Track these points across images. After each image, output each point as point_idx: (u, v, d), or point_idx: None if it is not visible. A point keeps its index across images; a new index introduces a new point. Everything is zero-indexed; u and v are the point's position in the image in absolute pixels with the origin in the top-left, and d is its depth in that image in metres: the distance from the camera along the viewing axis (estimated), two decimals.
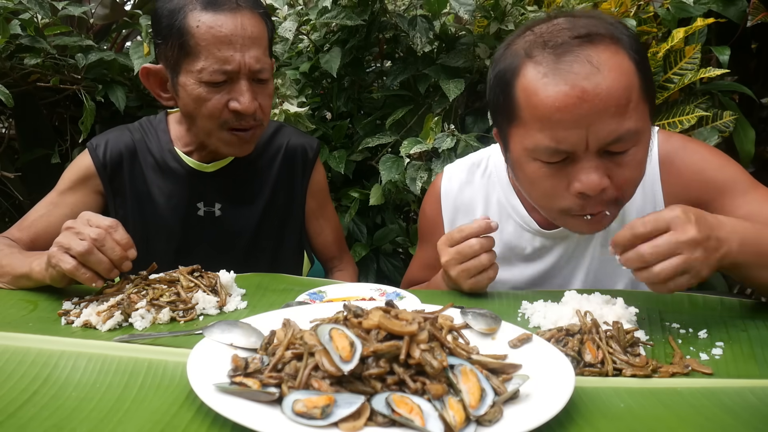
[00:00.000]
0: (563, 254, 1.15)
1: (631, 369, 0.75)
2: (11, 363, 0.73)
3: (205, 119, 1.22)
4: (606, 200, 0.94)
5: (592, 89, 0.87)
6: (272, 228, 1.44)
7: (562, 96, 0.88)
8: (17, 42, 1.70)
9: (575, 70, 0.88)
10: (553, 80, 0.89)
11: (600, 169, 0.91)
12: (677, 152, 1.09)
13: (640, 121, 0.91)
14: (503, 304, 1.03)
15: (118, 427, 0.60)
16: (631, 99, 0.90)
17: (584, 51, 0.89)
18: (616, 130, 0.89)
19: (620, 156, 0.92)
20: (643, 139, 0.94)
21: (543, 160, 0.94)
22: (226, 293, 1.03)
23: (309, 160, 1.46)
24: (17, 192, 1.99)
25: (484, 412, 0.58)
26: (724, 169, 1.07)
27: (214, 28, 1.15)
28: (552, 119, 0.89)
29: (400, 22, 1.81)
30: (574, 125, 0.89)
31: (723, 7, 1.75)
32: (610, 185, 0.92)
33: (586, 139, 0.89)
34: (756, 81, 2.02)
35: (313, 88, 2.11)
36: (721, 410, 0.65)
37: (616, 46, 0.91)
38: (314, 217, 1.51)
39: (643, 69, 0.93)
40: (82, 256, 0.97)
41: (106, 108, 1.93)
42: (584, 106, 0.87)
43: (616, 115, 0.88)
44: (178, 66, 1.20)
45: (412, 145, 1.68)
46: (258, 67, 1.20)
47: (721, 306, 0.99)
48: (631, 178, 0.95)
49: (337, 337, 0.63)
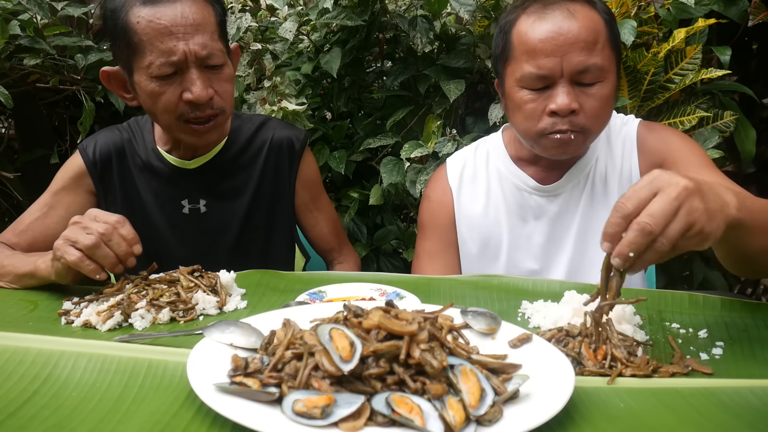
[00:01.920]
0: (558, 211, 1.31)
1: (631, 369, 0.75)
2: (11, 363, 0.73)
3: (163, 114, 1.20)
4: (575, 123, 1.15)
5: (567, 27, 1.13)
6: (260, 222, 1.42)
7: (544, 32, 1.14)
8: (17, 42, 1.70)
9: (555, 15, 1.15)
10: (539, 23, 1.15)
11: (571, 95, 1.14)
12: (651, 129, 1.31)
13: (605, 61, 1.15)
14: (503, 304, 1.03)
15: (118, 427, 0.60)
16: (599, 41, 1.14)
17: (564, 4, 1.16)
18: (584, 61, 1.12)
19: (589, 87, 1.15)
20: (608, 78, 1.16)
21: (528, 87, 1.17)
22: (226, 293, 1.03)
23: (296, 151, 1.44)
24: (17, 192, 1.99)
25: (484, 411, 0.58)
26: (685, 144, 1.25)
27: (153, 21, 1.13)
28: (536, 49, 1.14)
29: (400, 22, 1.80)
30: (552, 53, 1.13)
31: (724, 7, 1.75)
32: (579, 109, 1.14)
33: (561, 66, 1.13)
34: (757, 81, 2.02)
35: (314, 89, 2.11)
36: (721, 410, 0.65)
37: (590, 5, 1.17)
38: (307, 210, 1.49)
39: (611, 26, 1.17)
40: (88, 249, 0.98)
41: (105, 108, 1.93)
42: (560, 39, 1.12)
43: (585, 49, 1.12)
44: (130, 65, 1.19)
45: (413, 149, 1.68)
46: (205, 53, 1.17)
47: (721, 306, 0.99)
48: (598, 108, 1.16)
49: (337, 337, 0.63)
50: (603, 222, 0.89)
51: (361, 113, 2.09)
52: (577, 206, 1.30)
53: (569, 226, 1.30)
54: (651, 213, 0.71)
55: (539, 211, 1.32)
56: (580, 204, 1.30)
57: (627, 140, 1.29)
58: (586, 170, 1.29)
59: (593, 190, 1.29)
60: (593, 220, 1.29)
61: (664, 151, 1.25)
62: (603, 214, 1.27)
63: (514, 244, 1.33)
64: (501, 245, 1.34)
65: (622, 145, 1.30)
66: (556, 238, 1.31)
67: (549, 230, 1.31)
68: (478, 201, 1.36)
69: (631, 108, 1.71)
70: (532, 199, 1.32)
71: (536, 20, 1.16)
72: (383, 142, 1.83)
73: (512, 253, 1.33)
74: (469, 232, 1.36)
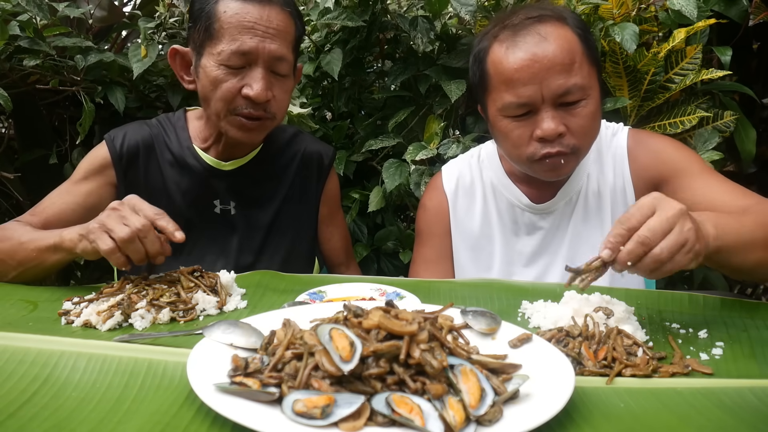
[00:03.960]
0: (550, 227, 1.31)
1: (631, 369, 0.75)
2: (11, 363, 0.73)
3: (218, 102, 1.23)
4: (565, 145, 1.13)
5: (541, 52, 1.10)
6: (285, 231, 1.44)
7: (518, 60, 1.12)
8: (16, 43, 1.70)
9: (528, 41, 1.12)
10: (512, 50, 1.13)
11: (556, 118, 1.12)
12: (641, 140, 1.29)
13: (585, 79, 1.13)
14: (503, 304, 1.03)
15: (118, 427, 0.60)
16: (575, 60, 1.12)
17: (535, 27, 1.13)
18: (564, 84, 1.10)
19: (573, 107, 1.13)
20: (591, 94, 1.14)
21: (511, 115, 1.15)
22: (226, 293, 1.03)
23: (324, 167, 1.48)
24: (17, 192, 1.99)
25: (484, 411, 0.58)
26: (679, 152, 1.24)
27: (240, 14, 1.19)
28: (513, 79, 1.12)
29: (401, 22, 1.81)
30: (530, 81, 1.11)
31: (724, 7, 1.75)
32: (566, 131, 1.13)
33: (541, 92, 1.11)
34: (757, 81, 2.02)
35: (314, 89, 2.11)
36: (721, 410, 0.65)
37: (561, 22, 1.14)
38: (325, 224, 1.53)
39: (586, 40, 1.15)
40: (123, 242, 0.99)
41: (105, 109, 1.93)
42: (535, 66, 1.10)
43: (562, 72, 1.10)
44: (202, 48, 1.23)
45: (418, 151, 1.68)
46: (277, 57, 1.22)
47: (721, 306, 0.99)
48: (585, 126, 1.14)
49: (337, 337, 0.63)
50: (595, 237, 0.94)
51: (361, 113, 2.09)
52: (569, 222, 1.30)
53: (561, 240, 1.31)
54: (650, 227, 0.81)
55: (532, 227, 1.32)
56: (573, 220, 1.30)
57: (618, 154, 1.29)
58: (578, 187, 1.30)
59: (586, 207, 1.30)
60: (585, 235, 1.30)
61: (657, 167, 1.24)
62: (596, 229, 1.28)
63: (506, 257, 1.34)
64: (493, 257, 1.35)
65: (612, 159, 1.29)
66: (549, 252, 1.32)
67: (541, 244, 1.32)
68: (471, 212, 1.37)
69: (631, 108, 1.71)
70: (525, 215, 1.32)
71: (509, 48, 1.13)
72: (385, 143, 1.83)
73: (504, 265, 1.34)
74: (463, 241, 1.37)
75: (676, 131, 1.67)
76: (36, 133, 2.03)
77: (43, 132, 2.04)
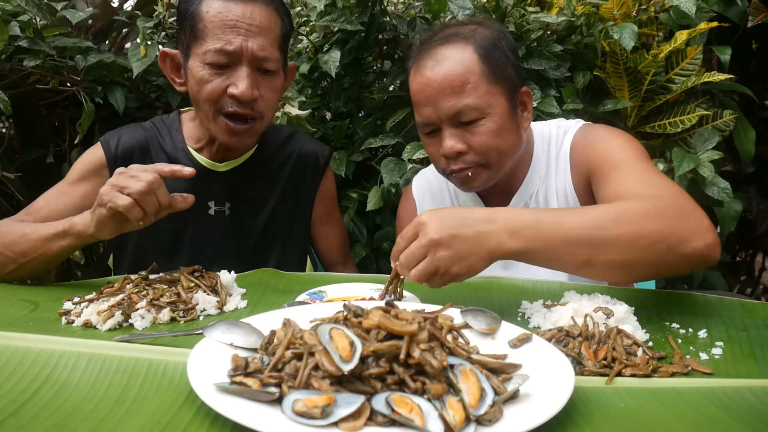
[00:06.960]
0: None
1: (631, 369, 0.75)
2: (11, 363, 0.73)
3: (205, 103, 1.23)
4: (469, 161, 1.19)
5: (433, 76, 1.16)
6: (279, 231, 1.44)
7: (417, 84, 1.20)
8: (16, 44, 1.70)
9: (427, 65, 1.18)
10: (416, 73, 1.21)
11: (455, 137, 1.18)
12: (584, 134, 1.27)
13: (481, 98, 1.15)
14: (503, 304, 1.03)
15: (118, 427, 0.60)
16: (469, 81, 1.15)
17: (436, 50, 1.18)
18: (455, 105, 1.15)
19: (472, 126, 1.17)
20: (491, 112, 1.17)
21: (425, 133, 1.24)
22: (226, 293, 1.03)
23: (320, 166, 1.48)
24: (17, 192, 1.98)
25: (484, 411, 0.58)
26: (613, 143, 1.21)
27: (222, 13, 1.19)
28: (416, 101, 1.21)
29: (399, 23, 1.81)
30: (426, 103, 1.18)
31: (724, 7, 1.75)
32: (466, 149, 1.18)
33: (437, 113, 1.17)
34: (756, 81, 2.02)
35: (313, 89, 2.11)
36: (721, 410, 0.65)
37: (465, 43, 1.18)
38: (321, 224, 1.52)
39: (488, 59, 1.17)
40: (139, 194, 1.02)
41: (105, 109, 1.93)
42: (428, 89, 1.17)
43: (452, 94, 1.15)
44: (189, 50, 1.23)
45: (416, 150, 1.69)
46: (262, 55, 1.21)
47: (721, 306, 0.99)
48: (486, 143, 1.17)
49: (337, 336, 0.63)
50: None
51: (360, 113, 2.09)
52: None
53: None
54: (406, 254, 0.91)
55: None
56: None
57: (563, 154, 1.29)
58: (531, 191, 1.31)
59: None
60: None
61: (588, 160, 1.22)
62: None
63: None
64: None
65: (558, 160, 1.29)
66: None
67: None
68: None
69: (631, 109, 1.71)
70: None
71: (416, 70, 1.20)
72: (384, 143, 1.83)
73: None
74: None
75: (676, 130, 1.67)
76: (36, 133, 2.03)
77: (44, 132, 2.04)
